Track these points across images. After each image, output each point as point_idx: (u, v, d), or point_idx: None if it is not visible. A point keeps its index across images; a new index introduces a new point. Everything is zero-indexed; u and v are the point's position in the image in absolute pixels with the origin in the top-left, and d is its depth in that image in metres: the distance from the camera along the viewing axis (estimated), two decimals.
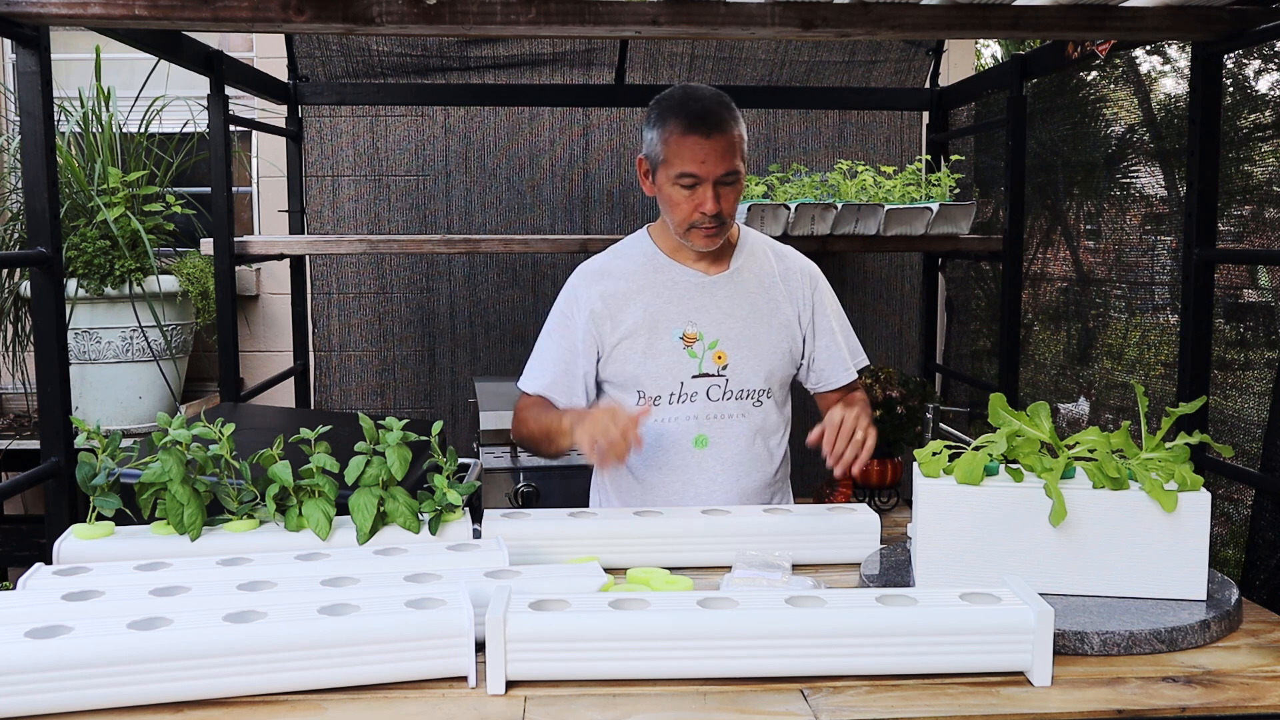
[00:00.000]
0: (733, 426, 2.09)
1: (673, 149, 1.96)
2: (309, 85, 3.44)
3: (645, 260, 2.12)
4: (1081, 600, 1.60)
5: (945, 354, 3.87)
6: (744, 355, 2.08)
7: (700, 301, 2.08)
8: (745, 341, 2.08)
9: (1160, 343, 3.12)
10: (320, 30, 1.97)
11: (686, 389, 2.07)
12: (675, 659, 1.39)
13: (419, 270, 3.64)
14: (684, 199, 1.99)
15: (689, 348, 2.07)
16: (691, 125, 1.95)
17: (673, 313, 2.08)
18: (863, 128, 3.69)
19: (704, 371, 2.07)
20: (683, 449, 2.09)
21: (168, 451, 1.75)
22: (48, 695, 1.28)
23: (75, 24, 1.94)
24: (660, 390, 2.07)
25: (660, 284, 2.09)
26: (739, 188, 2.02)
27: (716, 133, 1.94)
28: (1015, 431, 1.67)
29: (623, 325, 2.07)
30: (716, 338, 2.07)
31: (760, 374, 2.09)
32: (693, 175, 1.96)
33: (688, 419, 2.08)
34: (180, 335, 3.89)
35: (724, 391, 2.08)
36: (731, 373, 2.08)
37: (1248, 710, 1.35)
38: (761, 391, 2.10)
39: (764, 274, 2.13)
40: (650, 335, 2.07)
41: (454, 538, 1.80)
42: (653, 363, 2.07)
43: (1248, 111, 2.86)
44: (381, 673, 1.37)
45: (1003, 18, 1.99)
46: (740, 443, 2.10)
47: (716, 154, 1.95)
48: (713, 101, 1.98)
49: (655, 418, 2.08)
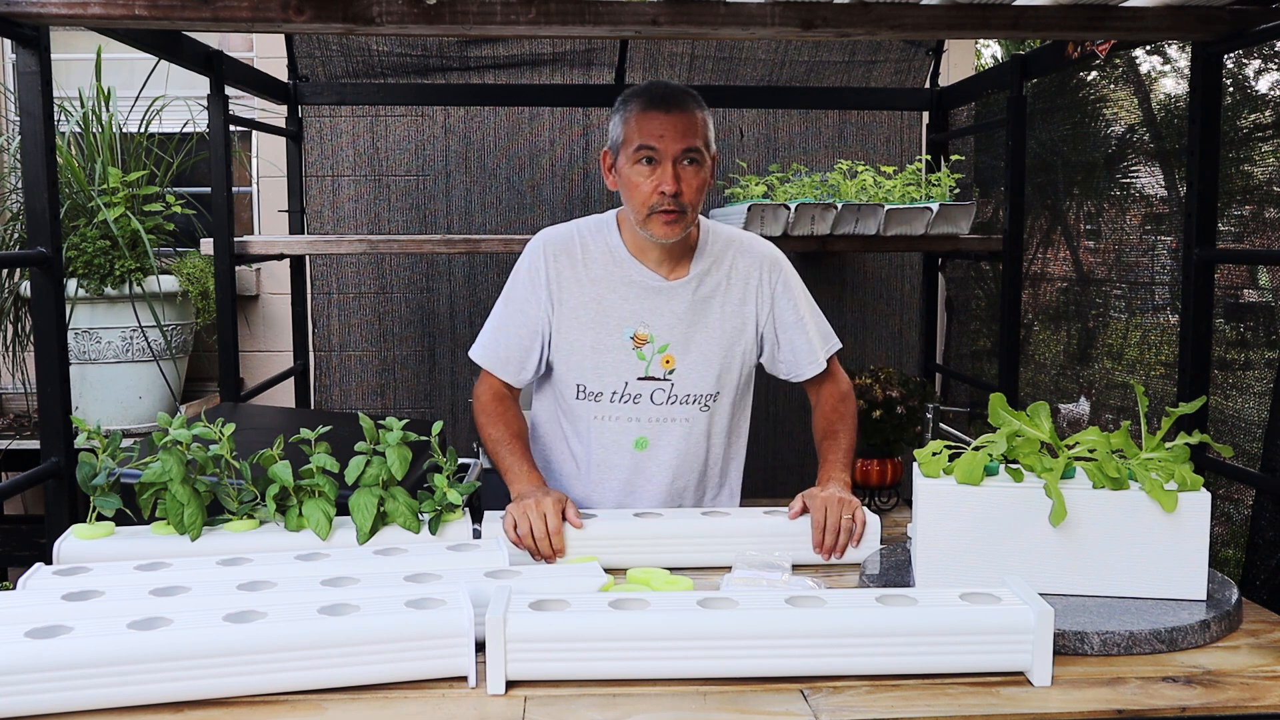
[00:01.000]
0: (674, 430, 2.08)
1: (632, 127, 1.97)
2: (309, 85, 3.44)
3: (609, 252, 2.09)
4: (1081, 600, 1.60)
5: (945, 354, 3.86)
6: (693, 362, 2.07)
7: (656, 304, 2.06)
8: (695, 348, 2.07)
9: (1160, 343, 3.12)
10: (320, 30, 1.97)
11: (630, 390, 2.06)
12: (675, 659, 1.39)
13: (419, 270, 3.64)
14: (643, 178, 1.96)
15: (638, 349, 2.06)
16: (652, 103, 1.97)
17: (626, 311, 2.06)
18: (863, 128, 3.68)
19: (650, 375, 2.06)
20: (622, 449, 2.09)
21: (168, 451, 1.75)
22: (48, 695, 1.28)
23: (75, 24, 1.94)
24: (603, 387, 2.07)
25: (618, 280, 2.07)
26: (702, 175, 1.99)
27: (677, 109, 1.96)
28: (1015, 431, 1.67)
29: (574, 313, 2.07)
30: (667, 342, 2.06)
31: (709, 378, 2.08)
32: (650, 148, 1.95)
33: (629, 420, 2.08)
34: (180, 335, 3.89)
35: (669, 396, 2.07)
36: (678, 378, 2.07)
37: (1248, 710, 1.35)
38: (710, 395, 2.09)
39: (723, 278, 2.10)
40: (599, 330, 2.06)
41: (454, 538, 1.80)
42: (599, 358, 2.06)
43: (1248, 111, 2.86)
44: (381, 673, 1.37)
45: (1003, 18, 1.99)
46: (680, 446, 2.09)
47: (676, 130, 1.95)
48: (677, 87, 2.01)
49: (595, 414, 2.08)
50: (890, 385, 2.40)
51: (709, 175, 2.02)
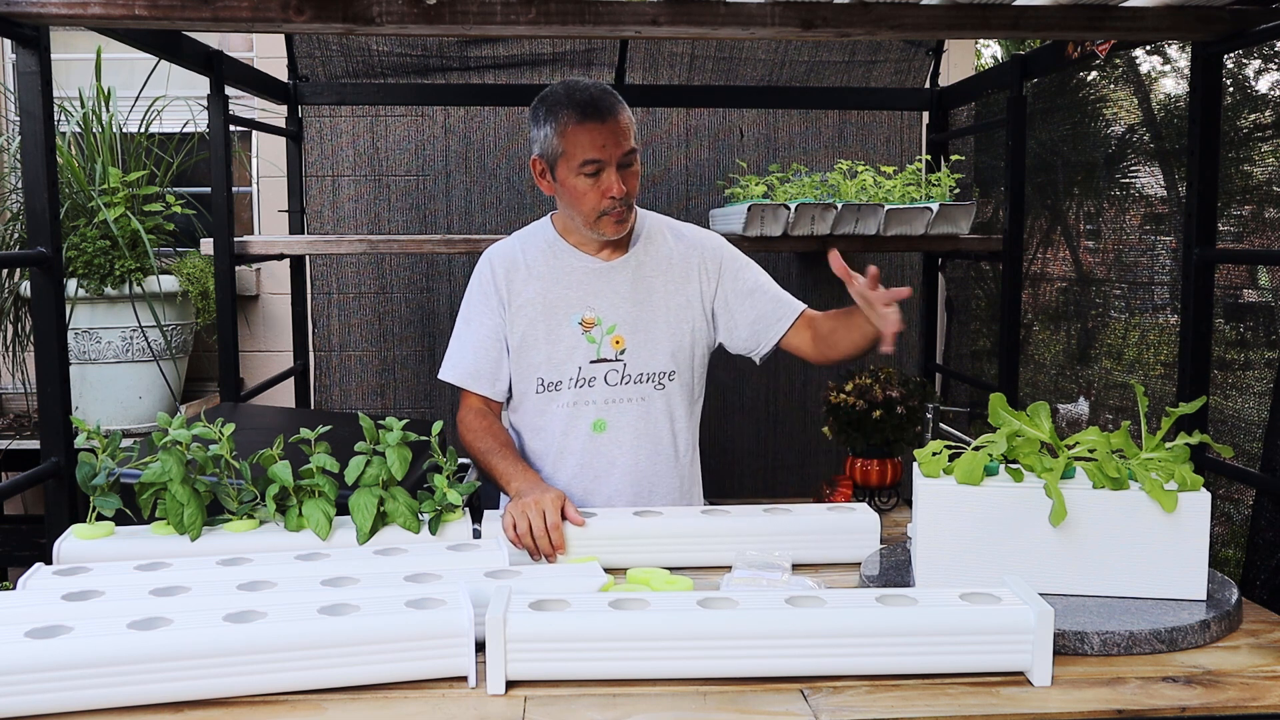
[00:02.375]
0: (630, 410, 2.12)
1: (570, 140, 2.01)
2: (309, 85, 3.43)
3: (546, 247, 2.16)
4: (1081, 600, 1.60)
5: (945, 354, 3.86)
6: (641, 339, 2.12)
7: (597, 287, 2.12)
8: (643, 325, 2.12)
9: (1160, 343, 3.11)
10: (320, 30, 1.97)
11: (585, 374, 2.11)
12: (675, 659, 1.39)
13: (419, 270, 3.64)
14: (589, 188, 2.02)
15: (587, 333, 2.11)
16: (585, 113, 2.00)
17: (572, 298, 2.12)
18: (863, 128, 3.68)
19: (602, 357, 2.11)
20: (581, 433, 2.12)
21: (168, 451, 1.75)
22: (48, 695, 1.28)
23: (75, 24, 1.94)
24: (560, 375, 2.11)
25: (559, 270, 2.13)
26: (638, 170, 2.07)
27: (610, 117, 2.00)
28: (1015, 431, 1.67)
29: (524, 310, 2.11)
30: (615, 322, 2.11)
31: (661, 355, 2.12)
32: (596, 161, 2.00)
33: (587, 404, 2.11)
34: (180, 335, 3.89)
35: (622, 376, 2.11)
36: (630, 357, 2.11)
37: (1248, 710, 1.35)
38: (664, 374, 2.13)
39: (662, 256, 2.16)
40: (549, 321, 2.11)
41: (454, 538, 1.80)
42: (552, 348, 2.11)
43: (1248, 111, 2.86)
44: (381, 673, 1.37)
45: (1003, 18, 1.99)
46: (638, 426, 2.12)
47: (614, 137, 2.00)
48: (597, 90, 2.04)
49: (556, 403, 2.12)
50: (890, 385, 2.40)
51: (639, 165, 2.09)
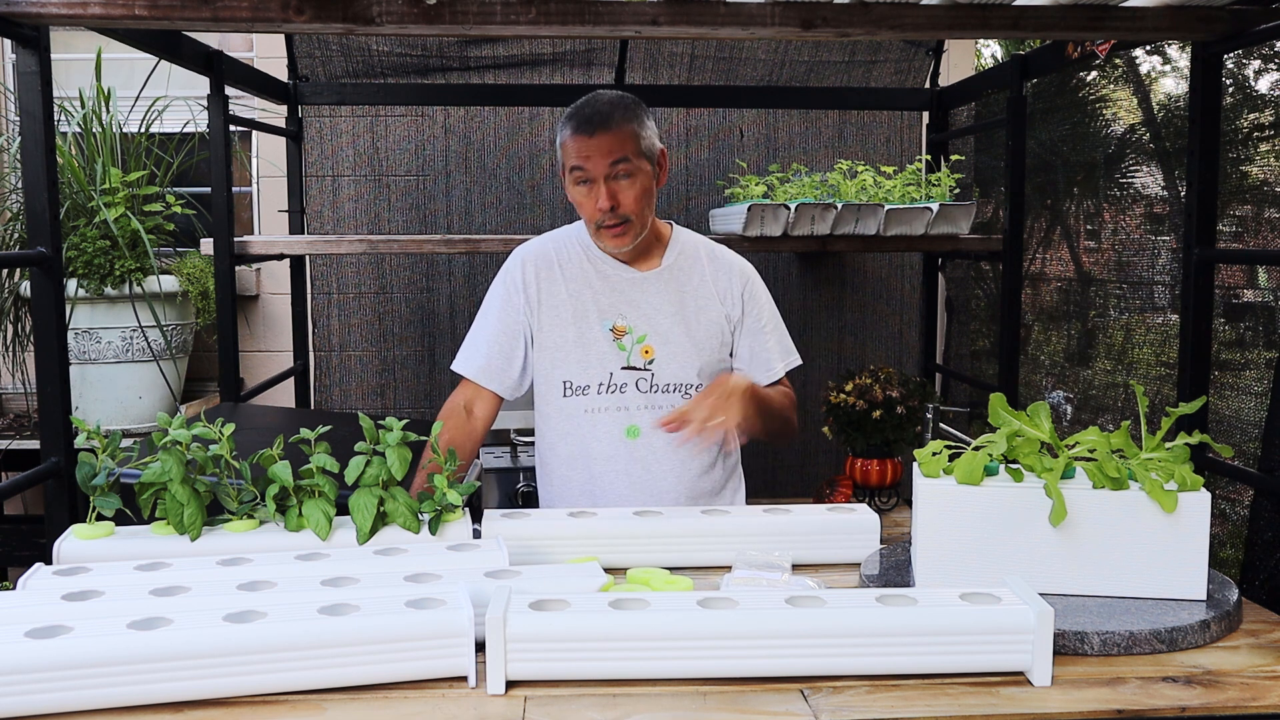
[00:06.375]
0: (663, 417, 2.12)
1: (564, 150, 2.07)
2: (309, 85, 3.43)
3: (582, 251, 2.17)
4: (1081, 600, 1.60)
5: (945, 354, 3.86)
6: (671, 351, 2.12)
7: (631, 296, 2.14)
8: (673, 337, 2.13)
9: (1160, 343, 3.12)
10: (320, 30, 1.97)
11: (615, 380, 2.12)
12: (675, 659, 1.39)
13: (419, 270, 3.64)
14: (584, 197, 2.06)
15: (618, 340, 2.12)
16: (578, 126, 2.05)
17: (604, 305, 2.13)
18: (863, 128, 3.68)
19: (631, 364, 2.12)
20: (614, 438, 2.13)
21: (168, 451, 1.75)
22: (48, 695, 1.28)
23: (75, 24, 1.94)
24: (589, 380, 2.12)
25: (593, 276, 2.15)
26: (638, 183, 2.05)
27: (601, 130, 2.02)
28: (1015, 431, 1.67)
29: (554, 312, 2.13)
30: (645, 332, 2.12)
31: (690, 368, 2.13)
32: (580, 169, 2.04)
33: (618, 409, 2.12)
34: (180, 335, 3.89)
35: (651, 385, 2.12)
36: (658, 367, 2.12)
37: (1248, 710, 1.35)
38: (692, 385, 2.14)
39: (695, 273, 2.18)
40: (580, 325, 2.12)
41: (454, 538, 1.80)
42: (583, 352, 2.12)
43: (1248, 111, 2.86)
44: (381, 673, 1.37)
45: (1003, 18, 1.99)
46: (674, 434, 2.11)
47: (600, 149, 2.02)
48: (607, 104, 2.06)
49: (585, 408, 2.12)
50: (890, 385, 2.40)
51: (651, 179, 2.08)
